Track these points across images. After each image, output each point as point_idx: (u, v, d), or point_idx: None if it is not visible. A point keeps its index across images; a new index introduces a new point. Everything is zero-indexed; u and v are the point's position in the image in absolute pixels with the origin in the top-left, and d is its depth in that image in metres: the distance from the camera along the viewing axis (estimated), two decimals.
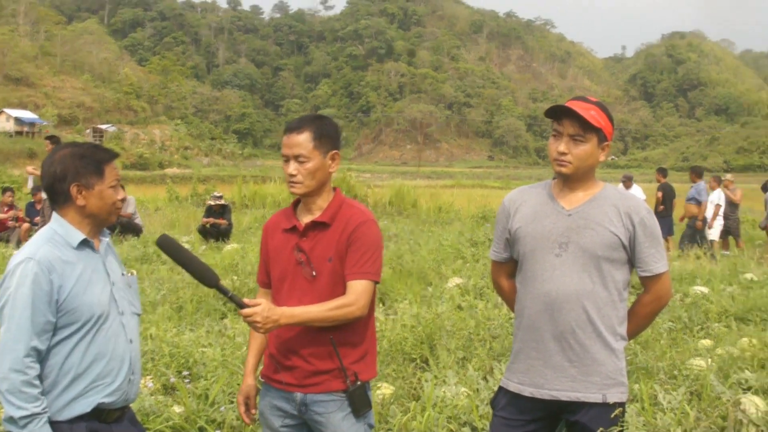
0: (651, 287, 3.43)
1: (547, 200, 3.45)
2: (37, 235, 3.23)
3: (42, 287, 3.02)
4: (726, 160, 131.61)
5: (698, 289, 10.61)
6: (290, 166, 3.42)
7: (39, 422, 2.98)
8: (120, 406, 3.29)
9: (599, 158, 3.36)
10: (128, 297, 3.39)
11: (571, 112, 3.26)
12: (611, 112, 3.41)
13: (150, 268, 12.11)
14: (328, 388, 3.44)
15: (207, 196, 21.96)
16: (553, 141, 3.37)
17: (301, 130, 3.42)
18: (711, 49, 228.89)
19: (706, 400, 5.92)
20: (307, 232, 3.47)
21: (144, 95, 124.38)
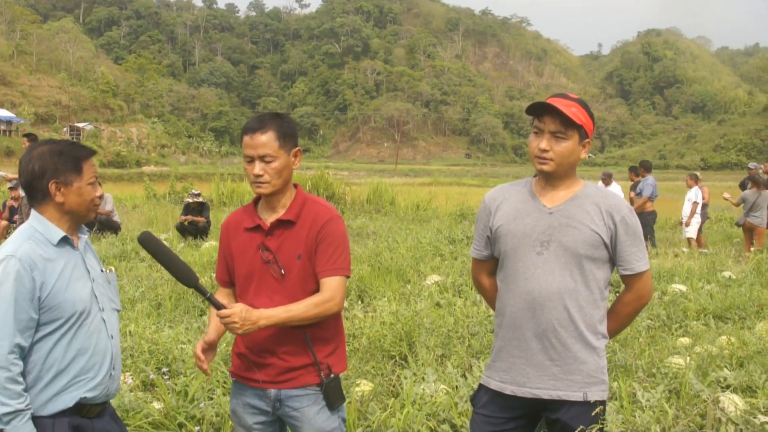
0: (632, 286, 3.42)
1: (528, 198, 3.43)
2: (16, 233, 3.20)
3: (24, 284, 3.01)
4: (703, 158, 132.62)
5: (677, 287, 10.65)
6: (256, 167, 3.38)
7: (22, 419, 2.98)
8: (101, 401, 3.29)
9: (581, 155, 3.35)
10: (108, 293, 3.38)
11: (553, 109, 3.24)
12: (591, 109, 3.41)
13: (128, 265, 12.06)
14: (303, 383, 3.45)
15: (185, 194, 21.92)
16: (534, 138, 3.35)
17: (265, 129, 3.39)
18: (687, 46, 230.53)
19: (684, 398, 5.95)
20: (272, 231, 3.45)
21: (120, 93, 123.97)
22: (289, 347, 3.42)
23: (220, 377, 6.06)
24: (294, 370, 3.44)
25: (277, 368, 3.43)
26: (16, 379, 2.98)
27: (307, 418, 3.46)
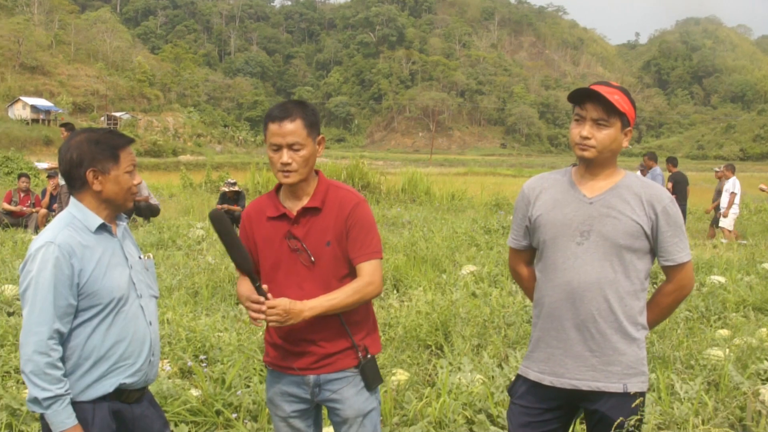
0: (674, 277, 3.37)
1: (568, 188, 3.39)
2: (56, 220, 3.22)
3: (63, 271, 3.03)
4: (742, 148, 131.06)
5: (715, 278, 10.54)
6: (284, 155, 3.34)
7: (62, 403, 3.01)
8: (140, 387, 3.32)
9: (622, 144, 3.29)
10: (146, 280, 3.40)
11: (596, 95, 3.21)
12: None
13: (165, 253, 12.14)
14: (342, 366, 3.46)
15: (220, 183, 22.02)
16: (576, 126, 3.30)
17: (293, 117, 3.35)
18: (727, 35, 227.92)
19: (724, 390, 5.89)
20: (299, 219, 3.43)
21: (157, 83, 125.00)
22: (325, 334, 3.43)
23: (257, 365, 6.09)
24: (332, 355, 3.44)
25: (315, 355, 3.43)
26: (56, 364, 3.00)
27: (347, 399, 3.47)
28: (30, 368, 2.97)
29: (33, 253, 3.06)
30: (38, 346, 2.97)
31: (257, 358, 6.19)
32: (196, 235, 14.30)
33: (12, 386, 5.75)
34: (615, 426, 3.23)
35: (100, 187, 3.19)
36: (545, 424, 3.44)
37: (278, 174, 3.39)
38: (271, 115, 3.38)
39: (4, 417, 5.01)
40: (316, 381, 3.46)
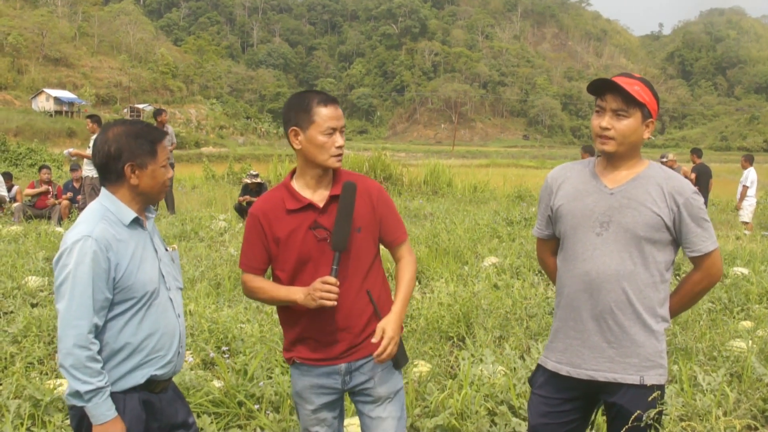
0: (701, 265, 3.35)
1: (590, 178, 3.38)
2: (89, 212, 3.22)
3: (101, 265, 3.04)
4: (766, 140, 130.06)
5: (738, 270, 10.49)
6: (339, 138, 3.35)
7: (102, 396, 3.04)
8: (169, 378, 3.36)
9: (643, 135, 3.27)
10: (173, 272, 3.42)
11: (615, 86, 3.19)
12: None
13: (188, 245, 12.18)
14: (372, 350, 3.44)
15: (243, 175, 22.07)
16: (596, 117, 3.29)
17: (338, 102, 3.39)
18: (751, 25, 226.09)
19: (746, 382, 5.87)
20: (326, 208, 3.39)
21: (180, 75, 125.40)
22: (359, 320, 3.44)
23: (279, 356, 6.11)
24: (364, 340, 3.46)
25: (347, 342, 3.44)
26: (96, 357, 3.03)
27: (379, 378, 3.50)
28: (70, 362, 2.99)
29: (70, 246, 3.06)
30: (78, 340, 2.99)
31: (279, 349, 6.21)
32: (218, 226, 14.35)
33: (35, 377, 5.81)
34: (632, 419, 3.22)
35: (137, 181, 3.20)
36: (564, 415, 3.45)
37: (330, 159, 3.35)
38: (323, 98, 3.36)
39: (27, 407, 5.06)
40: (347, 368, 3.47)
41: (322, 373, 3.48)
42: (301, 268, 3.40)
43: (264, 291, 3.46)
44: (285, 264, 3.43)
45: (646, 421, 3.24)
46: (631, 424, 3.23)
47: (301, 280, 3.39)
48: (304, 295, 3.28)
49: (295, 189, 3.45)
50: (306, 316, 3.39)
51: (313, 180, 3.43)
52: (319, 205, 3.39)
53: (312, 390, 3.51)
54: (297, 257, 3.39)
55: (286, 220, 3.40)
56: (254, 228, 3.47)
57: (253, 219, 3.48)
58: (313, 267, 3.38)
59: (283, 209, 3.41)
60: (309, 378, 3.51)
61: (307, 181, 3.44)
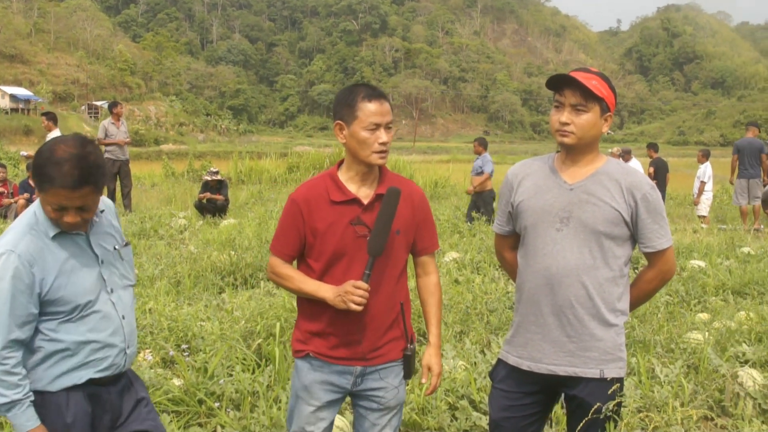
0: (655, 263, 3.40)
1: (549, 174, 3.41)
2: (19, 222, 3.15)
3: (23, 281, 2.98)
4: (723, 134, 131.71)
5: (695, 262, 10.63)
6: (383, 134, 3.31)
7: (21, 407, 3.00)
8: (115, 375, 3.30)
9: (602, 129, 3.31)
10: (120, 270, 3.34)
11: (572, 81, 3.23)
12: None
13: (147, 243, 12.10)
14: (390, 358, 3.48)
15: (203, 172, 21.94)
16: (555, 112, 3.32)
17: (385, 98, 3.36)
18: (707, 21, 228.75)
19: (703, 373, 5.95)
20: (372, 205, 3.36)
21: (138, 72, 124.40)
22: (381, 323, 3.42)
23: (239, 354, 6.09)
24: (384, 345, 3.45)
25: (367, 346, 3.40)
26: (12, 371, 2.98)
27: (392, 388, 3.51)
28: None
29: None
30: None
31: (240, 347, 6.19)
32: (178, 224, 14.26)
33: None
34: (592, 411, 3.26)
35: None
36: (525, 408, 3.48)
37: (373, 155, 3.31)
38: (370, 93, 3.33)
39: None
40: (362, 371, 3.44)
41: (336, 371, 3.44)
42: (336, 261, 3.36)
43: (292, 280, 3.41)
44: (320, 255, 3.38)
45: (606, 413, 3.27)
46: (591, 417, 3.27)
47: (333, 273, 3.36)
48: (333, 295, 3.25)
49: (342, 181, 3.40)
50: (332, 312, 3.34)
51: (359, 175, 3.39)
52: (364, 202, 3.36)
53: (322, 386, 3.45)
54: (333, 250, 3.35)
55: (327, 211, 3.35)
56: (293, 214, 3.41)
57: (293, 205, 3.41)
58: (348, 262, 3.35)
59: (326, 199, 3.36)
60: (320, 374, 3.45)
61: (352, 175, 3.40)
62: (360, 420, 3.59)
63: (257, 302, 7.45)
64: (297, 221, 3.38)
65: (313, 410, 3.48)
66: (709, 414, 5.31)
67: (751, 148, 16.78)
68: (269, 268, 3.50)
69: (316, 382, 3.45)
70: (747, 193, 16.86)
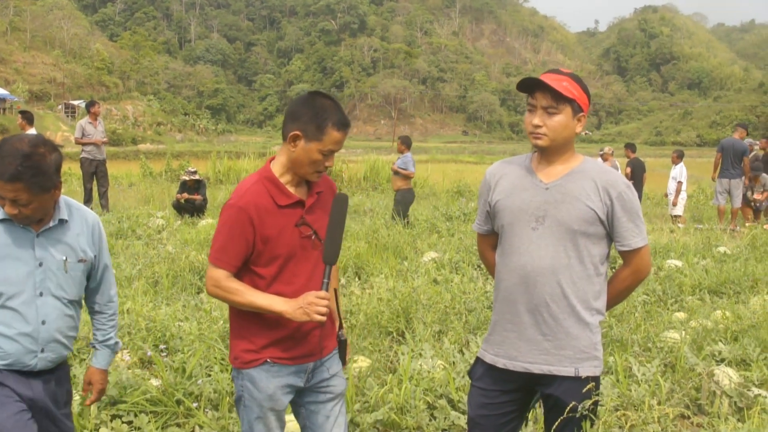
0: (630, 261, 3.42)
1: (526, 174, 3.44)
2: None
3: None
4: (699, 135, 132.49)
5: (672, 262, 10.71)
6: (331, 159, 3.37)
7: None
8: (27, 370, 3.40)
9: (575, 130, 3.34)
10: (59, 281, 3.42)
11: (543, 85, 3.25)
12: (587, 84, 3.40)
13: (125, 243, 12.06)
14: (332, 347, 3.57)
15: (181, 172, 21.89)
16: (528, 115, 3.35)
17: (349, 126, 3.41)
18: (683, 23, 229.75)
19: (680, 372, 6.00)
20: (314, 206, 3.42)
21: (116, 71, 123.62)
22: (330, 321, 3.51)
23: (218, 354, 6.09)
24: (327, 336, 3.51)
25: (316, 340, 3.44)
26: None
27: (338, 374, 3.59)
28: None
29: None
30: None
31: (218, 347, 6.18)
32: (156, 224, 14.21)
33: None
34: (568, 410, 3.28)
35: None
36: (502, 406, 3.50)
37: (313, 174, 3.37)
38: (340, 122, 3.34)
39: None
40: (313, 366, 3.49)
41: (292, 373, 3.45)
42: (285, 264, 3.36)
43: (240, 294, 3.29)
44: (271, 261, 3.34)
45: (582, 412, 3.29)
46: (567, 416, 3.28)
47: (282, 279, 3.36)
48: (293, 308, 3.23)
49: (282, 184, 3.39)
50: (285, 320, 3.32)
51: (296, 178, 3.41)
52: (307, 203, 3.39)
53: (283, 390, 3.45)
54: (286, 253, 3.35)
55: (277, 216, 3.33)
56: (241, 222, 3.28)
57: (241, 213, 3.28)
58: (295, 264, 3.38)
59: (273, 205, 3.33)
60: (280, 379, 3.44)
61: (289, 178, 3.40)
62: (312, 417, 3.59)
63: None
64: (246, 230, 3.29)
65: (276, 416, 3.48)
66: (685, 412, 5.37)
67: (735, 149, 16.92)
68: (212, 282, 3.34)
69: (278, 388, 3.43)
70: (726, 193, 17.01)
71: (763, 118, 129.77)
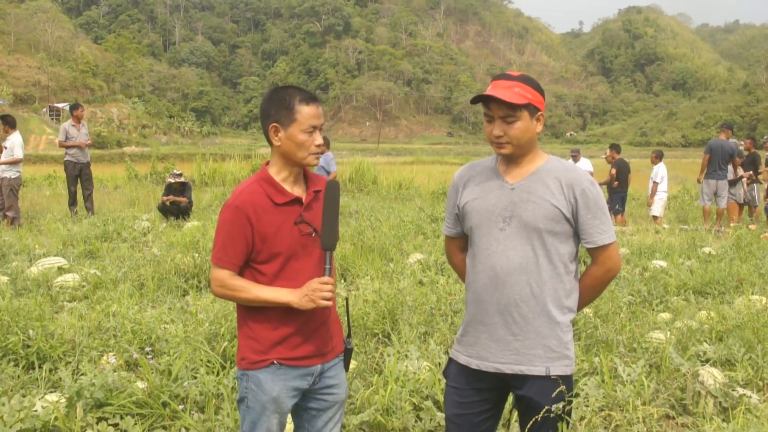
0: (598, 259, 3.42)
1: (492, 175, 3.45)
2: None
3: None
4: (684, 135, 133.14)
5: (657, 263, 10.74)
6: (319, 137, 3.34)
7: None
8: None
9: (537, 130, 3.35)
10: None
11: (494, 99, 3.26)
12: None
13: (110, 246, 12.02)
14: (338, 352, 3.54)
15: (166, 174, 21.86)
16: (488, 125, 3.36)
17: (318, 100, 3.38)
18: (668, 23, 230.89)
19: (665, 372, 6.01)
20: (311, 204, 3.41)
21: (100, 73, 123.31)
22: (336, 316, 3.51)
23: (203, 356, 6.07)
24: (333, 339, 3.50)
25: (323, 339, 3.45)
26: None
27: (343, 382, 3.57)
28: None
29: None
30: None
31: (204, 349, 6.16)
32: (141, 227, 14.17)
33: None
34: (543, 411, 3.28)
35: None
36: (476, 405, 3.50)
37: (309, 157, 3.36)
38: (306, 96, 3.34)
39: None
40: (320, 369, 3.47)
41: (299, 375, 3.42)
42: (287, 263, 3.36)
43: (246, 290, 3.31)
44: (272, 258, 3.35)
45: (556, 413, 3.30)
46: (541, 416, 3.29)
47: (286, 275, 3.35)
48: (297, 297, 3.24)
49: (278, 183, 3.40)
50: (296, 315, 3.34)
51: (292, 176, 3.42)
52: (304, 200, 3.39)
53: (288, 393, 3.42)
54: (287, 252, 3.34)
55: (273, 214, 3.33)
56: (239, 221, 3.32)
57: (238, 212, 3.31)
58: (296, 263, 3.36)
59: (270, 203, 3.34)
60: (286, 381, 3.41)
61: (285, 176, 3.41)
62: (312, 420, 3.59)
63: (221, 304, 7.41)
64: (245, 228, 3.32)
65: (278, 420, 3.46)
66: (670, 413, 5.37)
67: (723, 151, 16.97)
68: (217, 282, 3.37)
69: (284, 391, 3.40)
70: (713, 194, 17.08)
71: (747, 119, 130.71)
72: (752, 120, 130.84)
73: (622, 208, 18.42)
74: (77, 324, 6.91)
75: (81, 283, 9.11)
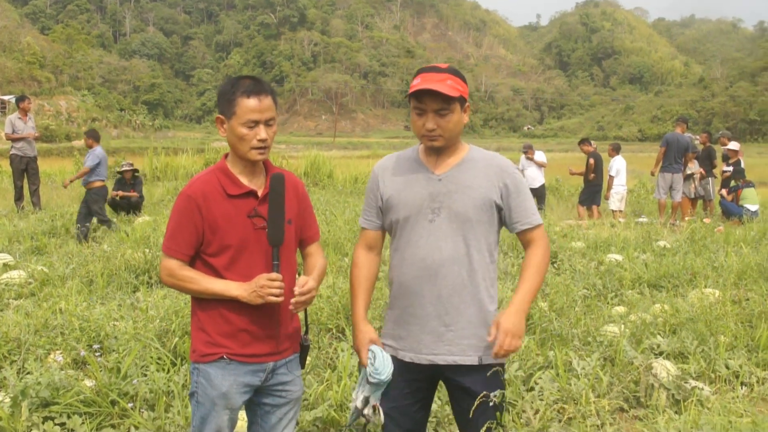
0: (535, 238, 3.44)
1: (416, 166, 3.47)
2: None
3: None
4: (641, 129, 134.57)
5: (613, 256, 10.81)
6: (262, 131, 3.26)
7: None
8: None
9: (464, 121, 3.39)
10: None
11: (433, 92, 3.25)
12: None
13: (58, 242, 11.85)
14: (294, 350, 3.52)
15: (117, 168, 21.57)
16: (418, 118, 3.35)
17: (267, 92, 3.29)
18: (624, 17, 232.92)
19: (619, 365, 6.04)
20: (266, 197, 3.33)
21: (48, 65, 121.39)
22: (289, 314, 3.42)
23: (154, 354, 5.98)
24: (289, 336, 3.46)
25: (279, 338, 3.40)
26: None
27: (297, 379, 3.54)
28: None
29: None
30: None
31: (154, 346, 6.07)
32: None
33: None
34: (478, 399, 3.32)
35: None
36: (409, 396, 3.53)
37: (251, 152, 3.28)
38: (248, 90, 3.25)
39: None
40: (273, 367, 3.42)
41: (250, 371, 3.38)
42: (239, 256, 3.30)
43: (195, 282, 3.28)
44: (221, 251, 3.30)
45: (492, 401, 3.33)
46: (478, 405, 3.33)
47: (236, 268, 3.30)
48: (247, 291, 3.21)
49: (234, 174, 3.35)
50: (246, 309, 3.29)
51: (247, 169, 3.37)
52: (259, 194, 3.34)
53: (239, 389, 3.37)
54: (236, 243, 3.30)
55: (225, 205, 3.29)
56: (189, 210, 3.28)
57: (189, 201, 3.29)
58: (250, 255, 3.31)
59: (222, 193, 3.31)
60: (236, 377, 3.37)
61: (241, 169, 3.37)
62: (265, 417, 3.55)
63: (172, 300, 7.33)
64: (194, 217, 3.28)
65: (229, 415, 3.40)
66: (624, 405, 5.40)
67: (679, 144, 17.12)
68: (166, 272, 3.33)
69: (233, 386, 3.36)
70: (669, 187, 17.22)
71: (702, 113, 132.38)
72: (707, 115, 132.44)
73: (598, 201, 18.48)
74: (23, 322, 6.79)
75: (27, 280, 8.96)
